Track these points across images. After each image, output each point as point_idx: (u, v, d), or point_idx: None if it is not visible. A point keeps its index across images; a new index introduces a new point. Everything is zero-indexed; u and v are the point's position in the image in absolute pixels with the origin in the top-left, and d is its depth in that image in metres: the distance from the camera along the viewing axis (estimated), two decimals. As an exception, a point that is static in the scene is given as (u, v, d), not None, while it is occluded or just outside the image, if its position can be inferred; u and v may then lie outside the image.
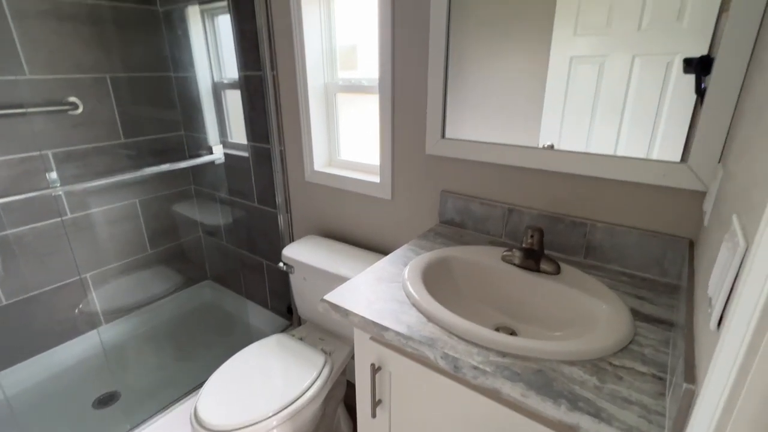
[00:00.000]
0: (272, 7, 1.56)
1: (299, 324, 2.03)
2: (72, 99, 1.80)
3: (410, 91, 1.28)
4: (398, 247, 1.49)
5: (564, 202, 1.09)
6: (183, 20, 2.00)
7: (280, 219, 1.88)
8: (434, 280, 1.01)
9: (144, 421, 1.53)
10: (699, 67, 0.84)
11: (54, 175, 1.38)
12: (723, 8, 0.80)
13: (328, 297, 0.91)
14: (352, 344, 1.52)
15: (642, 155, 0.95)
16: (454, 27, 1.14)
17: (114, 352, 2.07)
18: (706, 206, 0.83)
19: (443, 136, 1.25)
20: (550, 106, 1.05)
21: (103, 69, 1.88)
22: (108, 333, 2.11)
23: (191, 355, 2.06)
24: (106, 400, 1.79)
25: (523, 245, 0.99)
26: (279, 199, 1.84)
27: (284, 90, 1.65)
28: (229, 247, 2.27)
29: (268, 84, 1.67)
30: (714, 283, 0.50)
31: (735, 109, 0.81)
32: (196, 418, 1.17)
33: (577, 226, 1.07)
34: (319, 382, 1.30)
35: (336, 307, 0.89)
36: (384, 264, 1.06)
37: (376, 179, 1.49)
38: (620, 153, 0.97)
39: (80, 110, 1.83)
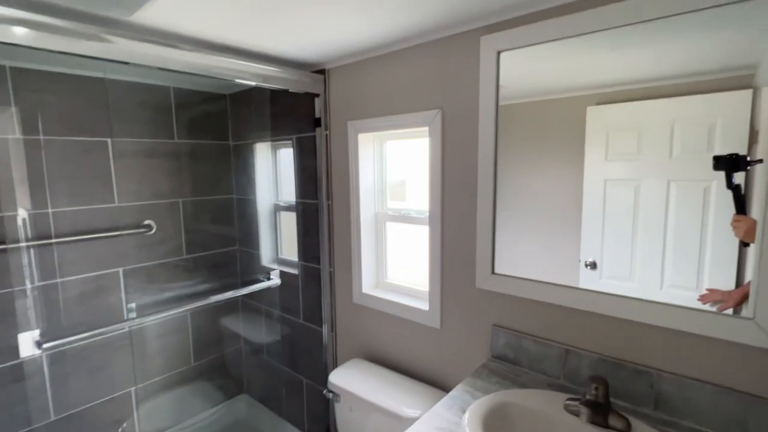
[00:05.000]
0: (332, 147, 1.77)
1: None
2: (148, 222, 2.01)
3: (459, 226, 1.37)
4: (448, 379, 1.45)
5: (624, 348, 1.07)
6: (251, 152, 2.28)
7: (325, 337, 1.89)
8: (495, 430, 0.97)
9: None
10: (728, 164, 0.88)
11: (132, 305, 1.49)
12: (752, 140, 0.85)
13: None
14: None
15: (691, 285, 0.93)
16: (500, 154, 1.24)
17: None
18: (785, 371, 0.80)
19: (493, 271, 1.29)
20: (588, 223, 1.08)
21: (176, 195, 2.13)
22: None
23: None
24: None
25: (588, 396, 0.96)
26: (326, 317, 1.88)
27: (337, 217, 1.79)
28: (269, 361, 2.26)
29: (323, 212, 1.82)
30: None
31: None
32: None
33: (641, 374, 1.03)
34: None
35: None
36: (440, 410, 1.03)
37: (425, 306, 1.51)
38: (667, 281, 0.96)
39: (153, 231, 2.03)
